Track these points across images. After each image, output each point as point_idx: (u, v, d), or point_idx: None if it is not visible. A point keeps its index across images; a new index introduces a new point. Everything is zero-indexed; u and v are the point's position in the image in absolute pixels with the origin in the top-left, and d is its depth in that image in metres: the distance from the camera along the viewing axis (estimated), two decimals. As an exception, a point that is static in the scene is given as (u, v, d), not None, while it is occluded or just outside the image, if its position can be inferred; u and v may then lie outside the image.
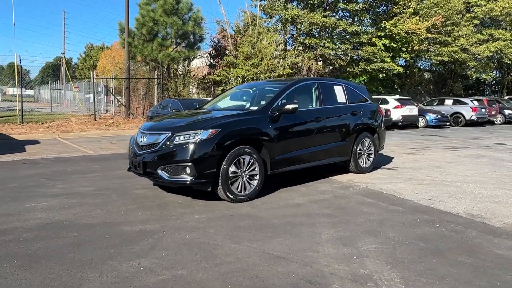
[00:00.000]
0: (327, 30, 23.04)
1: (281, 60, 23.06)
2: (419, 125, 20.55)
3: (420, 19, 23.45)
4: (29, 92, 68.39)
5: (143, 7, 18.12)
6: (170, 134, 4.83)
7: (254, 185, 5.10)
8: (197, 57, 23.36)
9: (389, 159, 8.70)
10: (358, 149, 6.67)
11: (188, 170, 4.64)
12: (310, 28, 22.24)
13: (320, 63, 24.36)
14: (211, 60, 21.49)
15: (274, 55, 21.61)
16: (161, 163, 4.74)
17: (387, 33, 22.83)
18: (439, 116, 20.66)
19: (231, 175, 4.85)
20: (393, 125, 19.00)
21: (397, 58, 24.94)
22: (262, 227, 4.03)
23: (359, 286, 2.76)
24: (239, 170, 4.94)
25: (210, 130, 4.76)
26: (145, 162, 4.87)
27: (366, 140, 6.84)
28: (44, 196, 5.30)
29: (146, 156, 4.89)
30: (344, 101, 6.62)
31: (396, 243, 3.58)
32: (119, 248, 3.44)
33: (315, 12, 22.22)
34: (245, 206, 4.82)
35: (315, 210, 4.63)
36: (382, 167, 7.63)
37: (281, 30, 22.97)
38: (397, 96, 20.24)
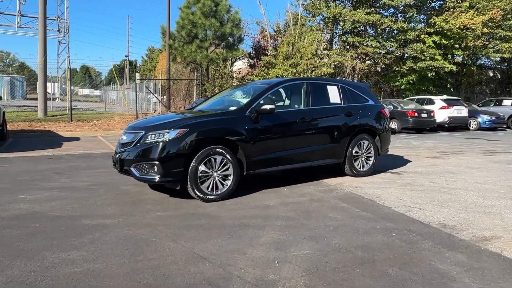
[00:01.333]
0: (371, 27, 22.21)
1: (325, 59, 22.66)
2: (471, 127, 19.15)
3: (476, 13, 21.77)
4: (97, 92, 73.63)
5: (184, 10, 18.75)
6: (143, 133, 5.01)
7: (227, 185, 5.12)
8: (240, 58, 23.69)
9: (403, 162, 8.25)
10: (354, 151, 6.41)
11: (155, 168, 4.78)
12: (353, 26, 21.59)
13: (367, 61, 23.56)
14: (251, 61, 21.67)
15: (315, 55, 21.28)
16: (133, 161, 4.94)
17: (437, 29, 21.49)
18: (493, 118, 19.09)
19: (200, 174, 4.91)
20: (439, 127, 17.91)
21: (449, 55, 23.37)
22: (212, 227, 4.05)
23: (257, 291, 2.70)
24: (210, 170, 4.99)
25: (178, 130, 4.87)
26: (122, 160, 5.10)
27: (364, 142, 6.55)
28: (41, 189, 5.74)
29: (123, 154, 5.11)
30: (339, 101, 6.40)
31: (332, 250, 3.43)
32: (64, 240, 3.65)
33: (358, 10, 21.51)
34: (213, 205, 4.86)
35: (279, 213, 4.55)
36: (388, 170, 7.26)
37: (324, 29, 22.54)
38: (445, 97, 19.01)
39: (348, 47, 22.40)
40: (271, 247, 3.49)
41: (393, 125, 17.08)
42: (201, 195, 4.92)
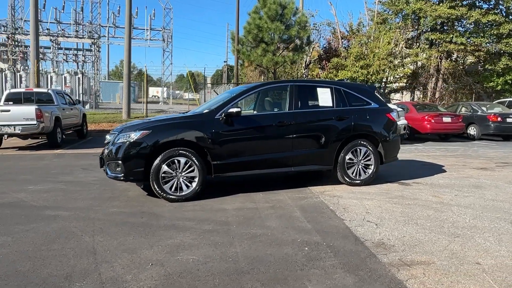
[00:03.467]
0: (458, 22, 19.98)
1: (404, 59, 21.15)
2: None
3: None
4: (198, 96, 78.84)
5: (252, 15, 19.18)
6: (116, 134, 5.38)
7: (192, 187, 5.22)
8: (315, 60, 23.37)
9: (432, 172, 7.38)
10: (347, 158, 5.96)
11: (119, 167, 5.11)
12: (434, 21, 19.69)
13: (453, 60, 21.30)
14: (320, 63, 21.21)
15: (391, 54, 19.97)
16: (107, 160, 5.34)
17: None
18: None
19: (163, 174, 5.10)
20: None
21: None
22: (142, 225, 4.21)
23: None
24: (174, 171, 5.15)
25: (141, 131, 5.13)
26: (101, 159, 5.55)
27: (360, 149, 6.04)
28: (52, 181, 6.52)
29: (103, 153, 5.56)
30: (330, 104, 6.01)
31: (219, 258, 3.31)
32: (9, 226, 4.16)
33: (441, 4, 19.55)
34: (173, 205, 5.01)
35: (221, 218, 4.51)
36: (399, 180, 6.58)
37: (402, 27, 20.98)
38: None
39: (430, 45, 20.48)
40: (165, 250, 3.52)
41: (472, 131, 15.21)
42: (163, 194, 5.10)
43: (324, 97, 5.99)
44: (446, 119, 13.99)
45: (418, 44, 21.59)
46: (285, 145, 5.65)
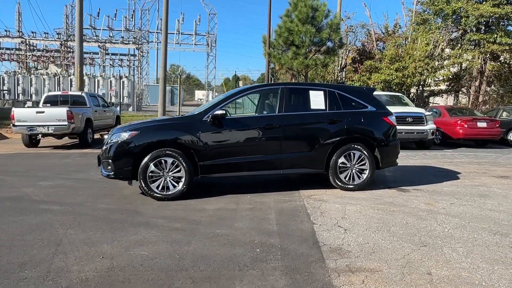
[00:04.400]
0: (504, 20, 18.75)
1: (445, 61, 20.23)
2: None
3: None
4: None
5: (283, 19, 19.21)
6: (111, 134, 5.68)
7: (179, 187, 5.39)
8: (350, 63, 22.95)
9: (441, 179, 7.05)
10: (339, 162, 5.86)
11: (110, 165, 5.39)
12: (477, 21, 18.63)
13: (497, 62, 20.03)
14: (354, 65, 20.75)
15: (429, 57, 19.16)
16: (102, 159, 5.65)
17: None
18: None
19: (150, 173, 5.31)
20: None
21: None
22: (120, 221, 4.43)
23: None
24: (161, 171, 5.34)
25: (130, 132, 5.38)
26: (98, 157, 5.87)
27: (354, 153, 5.91)
28: (64, 178, 6.98)
29: (100, 152, 5.88)
30: (323, 107, 5.93)
31: (156, 255, 3.43)
32: (2, 217, 4.53)
33: (484, 3, 18.46)
34: (158, 204, 5.21)
35: (195, 218, 4.63)
36: (399, 186, 6.35)
37: (443, 27, 20.05)
38: None
39: (471, 46, 19.40)
40: (124, 245, 3.69)
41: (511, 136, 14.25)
42: (150, 192, 5.31)
43: (317, 100, 5.93)
44: (481, 124, 13.20)
45: (460, 45, 20.51)
46: (273, 148, 5.66)
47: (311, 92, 5.99)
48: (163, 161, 5.34)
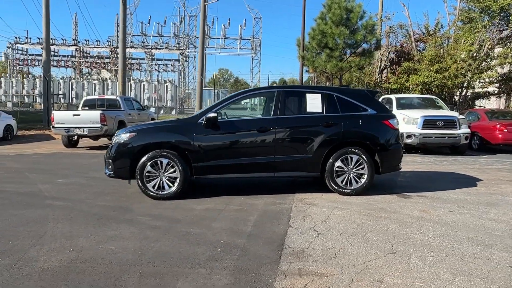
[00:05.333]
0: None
1: (491, 61, 19.06)
2: None
3: None
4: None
5: (317, 21, 19.05)
6: (115, 136, 6.00)
7: (174, 187, 5.59)
8: (388, 66, 22.28)
9: (455, 186, 6.71)
10: (336, 166, 5.77)
11: (111, 165, 5.71)
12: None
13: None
14: (392, 67, 20.06)
15: (474, 57, 18.12)
16: (106, 159, 5.98)
17: None
18: None
19: (147, 173, 5.56)
20: None
21: None
22: (107, 217, 4.70)
23: None
24: (157, 171, 5.58)
25: (129, 133, 5.66)
26: (105, 158, 6.23)
27: (352, 157, 5.79)
28: (82, 176, 7.46)
29: (107, 152, 6.23)
30: (320, 110, 5.87)
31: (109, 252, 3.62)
32: (6, 209, 4.98)
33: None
34: (152, 202, 5.44)
35: (178, 216, 4.79)
36: (404, 192, 6.12)
37: (489, 26, 18.86)
38: None
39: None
40: (98, 239, 3.92)
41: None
42: (146, 191, 5.56)
43: (313, 103, 5.89)
44: (524, 129, 12.27)
45: (510, 44, 19.18)
46: (266, 151, 5.70)
47: (308, 95, 5.96)
48: (159, 162, 5.56)
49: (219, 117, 5.74)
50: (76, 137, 12.67)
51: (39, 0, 22.61)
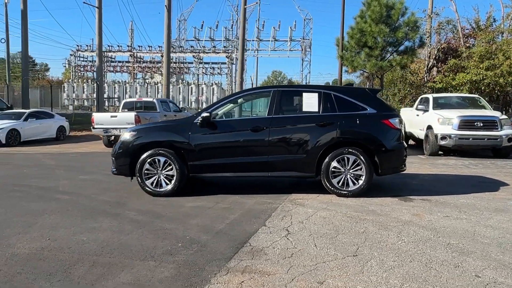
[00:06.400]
0: None
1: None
2: None
3: None
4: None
5: (357, 19, 18.54)
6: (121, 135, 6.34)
7: (171, 184, 5.79)
8: (435, 64, 21.13)
9: (469, 190, 6.25)
10: (332, 166, 5.64)
11: (114, 162, 6.04)
12: None
13: None
14: (437, 66, 18.95)
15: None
16: (111, 157, 6.33)
17: None
18: None
19: (146, 171, 5.82)
20: None
21: None
22: (96, 211, 4.99)
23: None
24: (155, 169, 5.81)
25: (130, 133, 5.95)
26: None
27: (349, 157, 5.62)
28: (99, 174, 7.92)
29: (115, 151, 6.57)
30: (316, 110, 5.77)
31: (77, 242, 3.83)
32: (14, 202, 5.46)
33: None
34: (149, 198, 5.67)
35: (164, 213, 4.96)
36: (410, 195, 5.81)
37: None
38: None
39: None
40: (77, 230, 4.19)
41: None
42: (146, 188, 5.80)
43: (310, 102, 5.80)
44: None
45: None
46: (260, 150, 5.70)
47: (305, 95, 5.87)
48: (156, 160, 5.78)
49: (218, 117, 5.86)
50: (113, 137, 13.43)
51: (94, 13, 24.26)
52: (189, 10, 50.92)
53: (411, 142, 14.36)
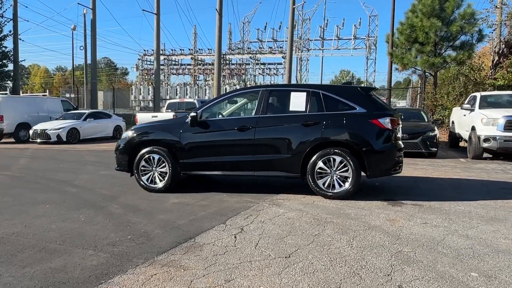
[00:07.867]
0: None
1: None
2: None
3: None
4: (403, 103, 74.34)
5: (407, 14, 17.56)
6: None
7: (164, 181, 6.08)
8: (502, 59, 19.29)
9: (476, 197, 5.73)
10: (317, 167, 5.50)
11: (116, 159, 6.48)
12: None
13: None
14: (499, 61, 17.21)
15: None
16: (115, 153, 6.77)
17: None
18: None
19: (142, 168, 6.17)
20: None
21: None
22: (87, 205, 5.42)
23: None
24: (150, 166, 6.14)
25: (129, 131, 6.34)
26: (117, 152, 7.03)
27: (335, 158, 5.44)
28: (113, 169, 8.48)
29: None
30: (303, 109, 5.66)
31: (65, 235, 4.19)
32: (27, 191, 6.10)
33: None
34: (143, 194, 6.00)
35: (158, 209, 5.24)
36: (404, 200, 5.49)
37: None
38: None
39: None
40: (57, 220, 4.59)
41: None
42: (142, 184, 6.15)
43: (297, 101, 5.71)
44: None
45: None
46: (246, 150, 5.75)
47: (293, 94, 5.80)
48: (151, 158, 6.09)
49: (209, 117, 6.02)
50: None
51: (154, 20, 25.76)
52: (253, 12, 51.80)
53: (462, 144, 13.36)
